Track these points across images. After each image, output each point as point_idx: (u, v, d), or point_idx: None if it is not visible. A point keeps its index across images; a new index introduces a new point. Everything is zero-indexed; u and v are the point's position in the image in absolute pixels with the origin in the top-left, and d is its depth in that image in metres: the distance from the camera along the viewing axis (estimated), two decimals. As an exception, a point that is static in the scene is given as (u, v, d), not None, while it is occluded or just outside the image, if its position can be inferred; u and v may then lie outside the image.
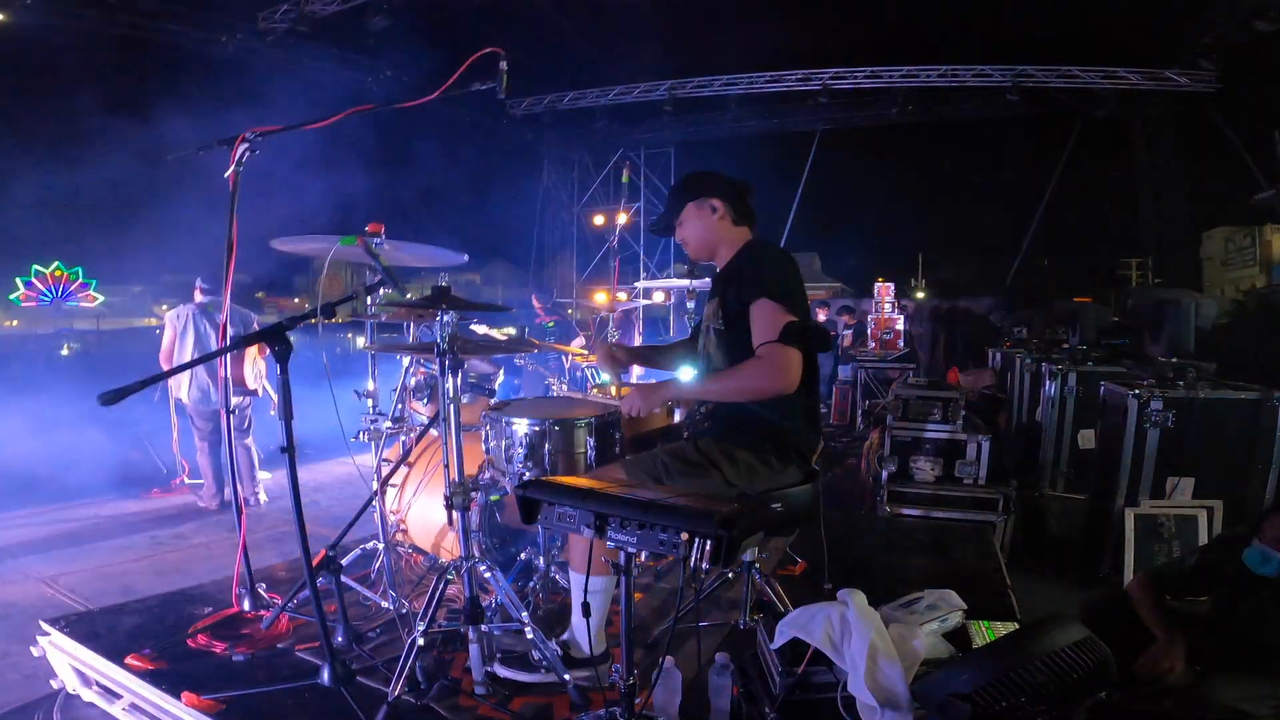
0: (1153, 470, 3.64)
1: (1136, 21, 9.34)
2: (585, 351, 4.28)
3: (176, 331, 4.82)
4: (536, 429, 2.39)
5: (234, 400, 4.73)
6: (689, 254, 2.38)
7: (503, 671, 2.11)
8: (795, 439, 2.14)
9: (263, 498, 4.98)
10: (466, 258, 2.83)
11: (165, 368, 4.77)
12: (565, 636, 2.18)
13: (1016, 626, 2.20)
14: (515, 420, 2.42)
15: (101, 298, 15.88)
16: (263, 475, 5.09)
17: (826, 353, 8.77)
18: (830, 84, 11.24)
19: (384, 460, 2.66)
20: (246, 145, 2.30)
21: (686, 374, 2.49)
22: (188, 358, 4.66)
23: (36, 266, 14.84)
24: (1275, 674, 2.00)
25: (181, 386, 4.85)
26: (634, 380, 4.64)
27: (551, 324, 6.58)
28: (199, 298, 4.87)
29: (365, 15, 8.59)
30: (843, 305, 10.22)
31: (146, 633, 2.41)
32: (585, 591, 1.87)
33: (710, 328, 2.25)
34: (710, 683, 1.90)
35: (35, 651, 2.38)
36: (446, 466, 2.16)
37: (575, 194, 15.29)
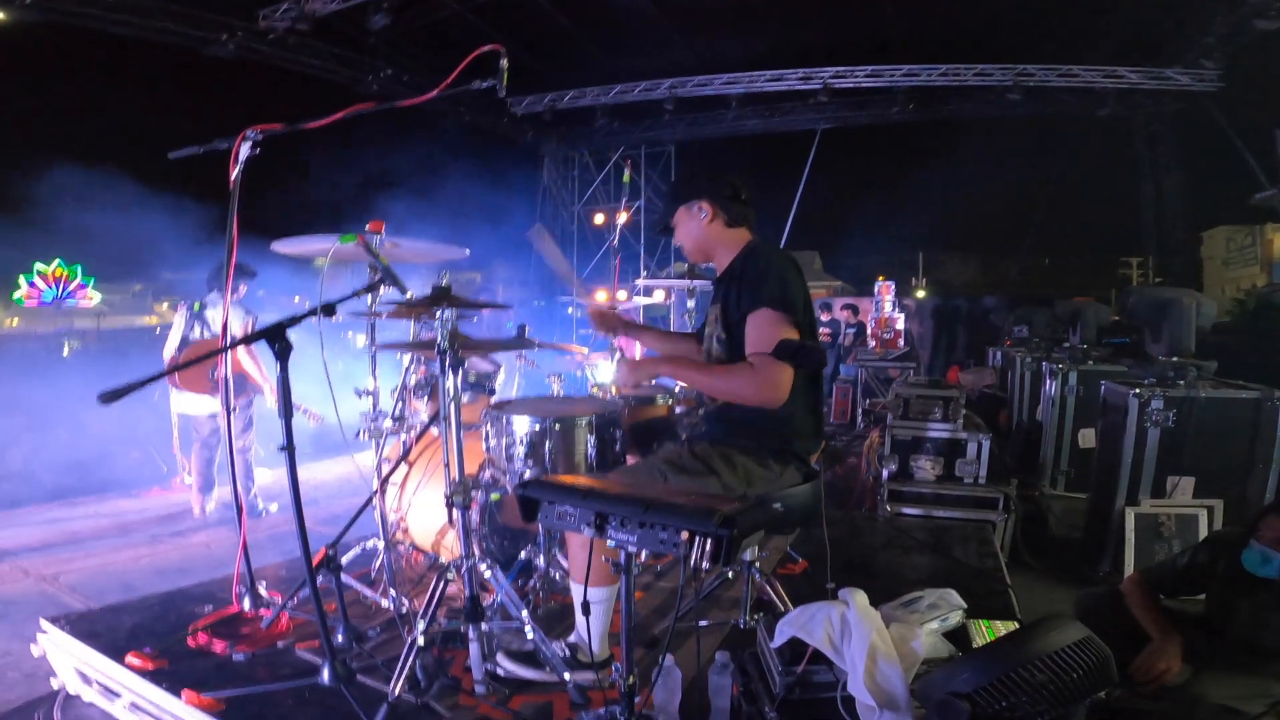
0: (1153, 470, 3.65)
1: (1137, 21, 9.34)
2: (585, 350, 4.28)
3: (175, 335, 4.77)
4: (537, 428, 2.39)
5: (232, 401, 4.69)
6: (687, 257, 2.35)
7: (507, 664, 2.11)
8: (795, 441, 2.11)
9: (273, 507, 4.87)
10: (468, 252, 2.83)
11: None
12: (573, 639, 2.18)
13: (1016, 626, 2.20)
14: (516, 419, 2.42)
15: (99, 296, 15.90)
16: (261, 473, 5.04)
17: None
18: (831, 83, 11.23)
19: (384, 459, 2.66)
20: (248, 144, 2.30)
21: None
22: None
23: (38, 265, 14.87)
24: (1269, 672, 2.00)
25: (177, 395, 4.76)
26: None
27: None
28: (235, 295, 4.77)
29: (365, 13, 8.58)
30: (846, 303, 10.21)
31: (147, 631, 2.41)
32: (585, 592, 1.87)
33: (714, 336, 2.21)
34: (710, 682, 1.90)
35: (35, 650, 2.38)
36: (447, 465, 2.16)
37: (576, 193, 15.29)
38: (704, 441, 2.13)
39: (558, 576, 2.65)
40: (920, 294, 14.02)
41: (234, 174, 2.32)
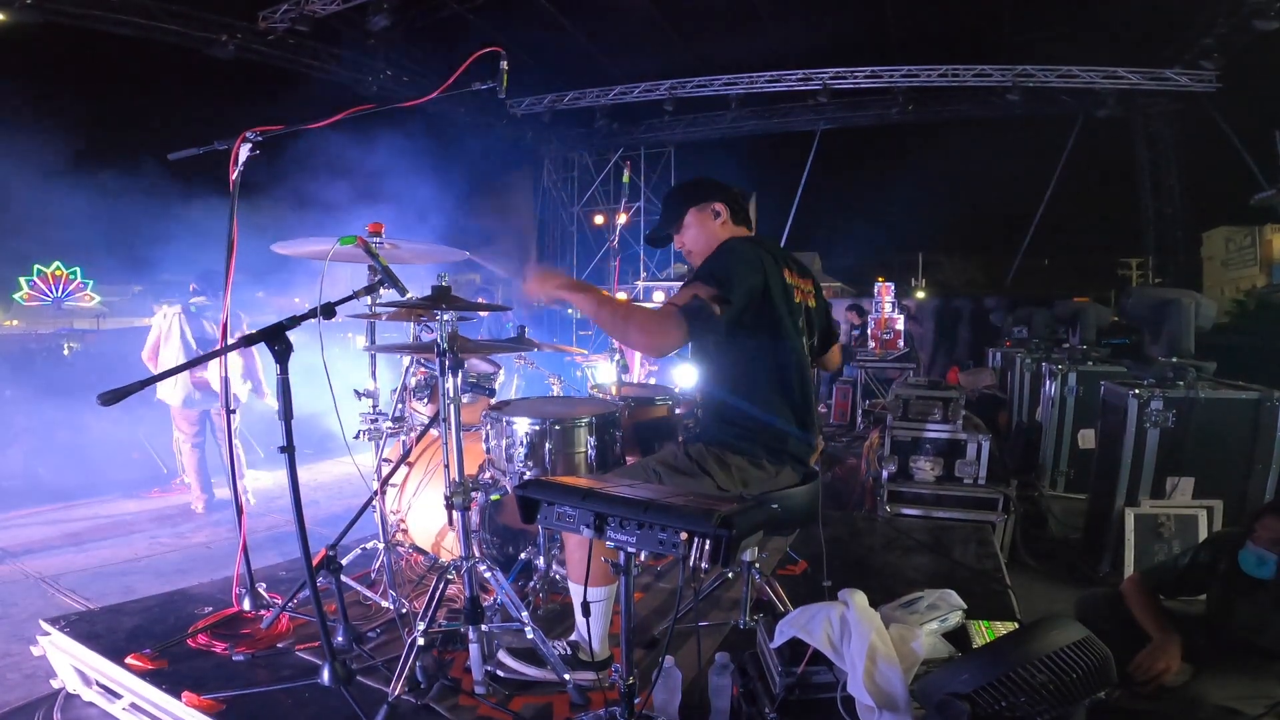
0: (1153, 470, 3.65)
1: (1137, 21, 9.34)
2: (585, 351, 4.29)
3: (161, 332, 4.77)
4: (537, 428, 2.39)
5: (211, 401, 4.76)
6: (692, 261, 2.32)
7: (508, 661, 2.11)
8: (786, 440, 2.09)
9: (250, 500, 4.89)
10: (468, 254, 2.83)
11: (150, 366, 4.73)
12: (574, 637, 2.19)
13: (1016, 626, 2.20)
14: (516, 420, 2.43)
15: (97, 298, 15.88)
16: (252, 475, 5.06)
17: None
18: (830, 84, 11.22)
19: (384, 460, 2.67)
20: (248, 145, 2.30)
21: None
22: (173, 360, 4.61)
23: (38, 266, 14.86)
24: (1269, 673, 2.01)
25: (169, 389, 4.77)
26: (636, 380, 4.64)
27: None
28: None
29: (365, 15, 8.58)
30: (850, 304, 10.18)
31: (147, 632, 2.41)
32: (585, 593, 1.87)
33: None
34: (710, 682, 1.90)
35: (36, 651, 2.38)
36: (447, 466, 2.16)
37: (575, 194, 15.28)
38: (698, 443, 2.14)
39: (558, 578, 2.65)
40: (920, 295, 14.00)
41: (234, 175, 2.32)
